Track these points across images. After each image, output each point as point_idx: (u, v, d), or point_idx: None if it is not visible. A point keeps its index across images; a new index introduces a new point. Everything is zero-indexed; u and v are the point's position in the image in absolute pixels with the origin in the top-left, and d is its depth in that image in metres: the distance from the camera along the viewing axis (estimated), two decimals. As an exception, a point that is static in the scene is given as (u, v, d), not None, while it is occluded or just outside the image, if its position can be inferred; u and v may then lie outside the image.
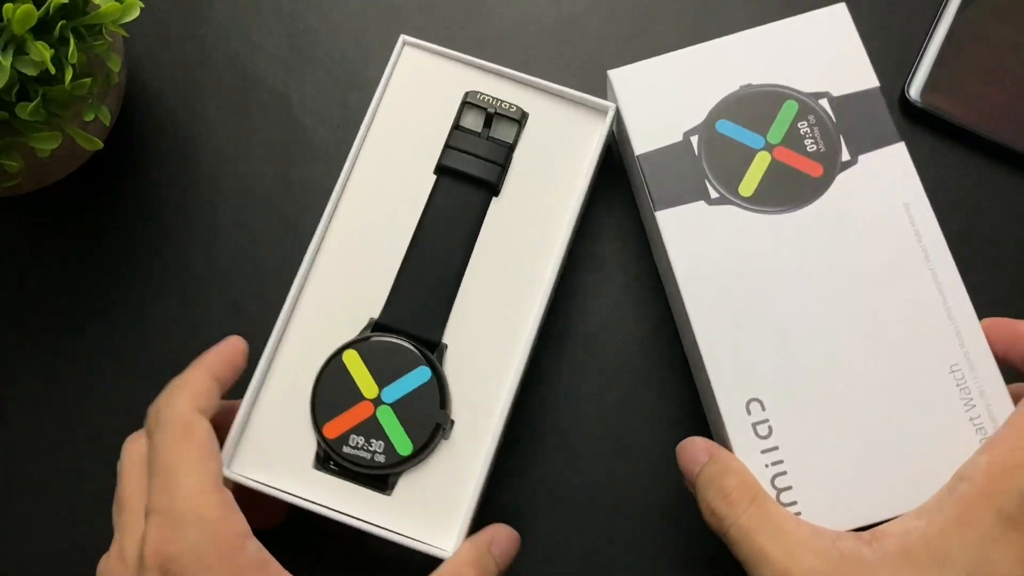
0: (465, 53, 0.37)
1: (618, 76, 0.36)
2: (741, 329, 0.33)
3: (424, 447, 0.33)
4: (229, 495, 0.30)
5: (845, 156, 0.35)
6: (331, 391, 0.33)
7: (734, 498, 0.30)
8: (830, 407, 0.32)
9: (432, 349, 0.34)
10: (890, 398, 0.32)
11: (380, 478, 0.33)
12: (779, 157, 0.35)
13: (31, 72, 0.32)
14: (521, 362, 0.34)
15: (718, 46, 0.36)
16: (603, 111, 0.37)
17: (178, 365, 0.40)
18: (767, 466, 0.31)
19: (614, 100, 0.36)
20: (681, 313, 0.35)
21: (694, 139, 0.35)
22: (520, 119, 0.36)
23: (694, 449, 0.32)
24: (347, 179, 0.36)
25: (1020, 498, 0.27)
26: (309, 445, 0.33)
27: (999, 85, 0.40)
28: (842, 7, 0.36)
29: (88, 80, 0.33)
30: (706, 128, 0.35)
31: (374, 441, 0.32)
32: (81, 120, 0.35)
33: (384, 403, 0.33)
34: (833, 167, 0.35)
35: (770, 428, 0.32)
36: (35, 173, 0.37)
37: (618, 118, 0.37)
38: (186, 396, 0.31)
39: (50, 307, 0.41)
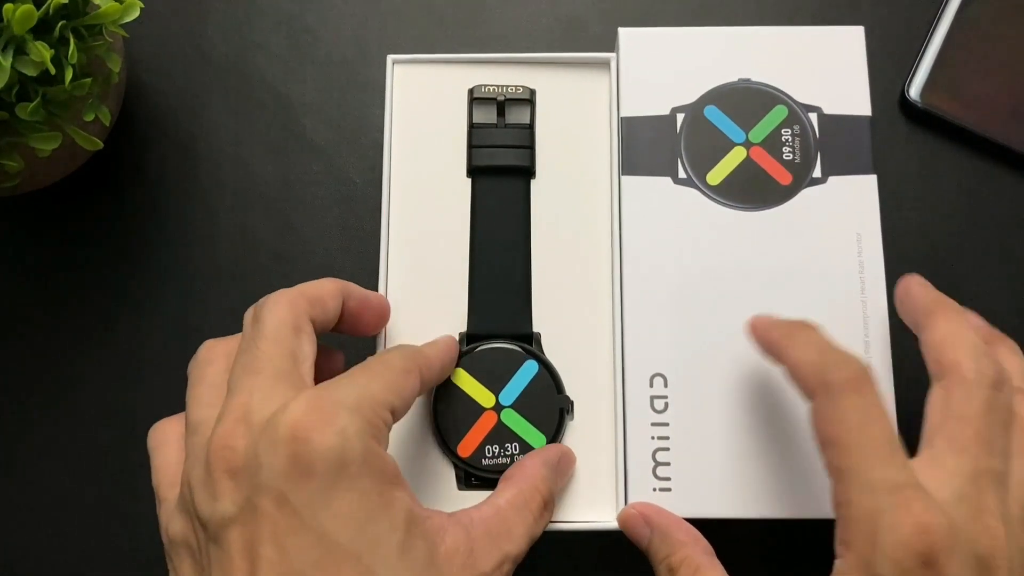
0: (468, 51, 0.38)
1: (627, 35, 0.37)
2: (668, 307, 0.34)
3: (556, 434, 0.34)
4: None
5: (817, 172, 0.35)
6: (451, 413, 0.34)
7: (681, 574, 0.30)
8: (729, 403, 0.33)
9: (529, 341, 0.35)
10: (787, 412, 0.33)
11: None
12: (754, 156, 0.35)
13: (31, 72, 0.32)
14: (611, 321, 0.35)
15: (729, 34, 0.37)
16: (605, 63, 0.38)
17: (178, 365, 0.40)
18: (653, 439, 0.33)
19: (617, 59, 0.37)
20: (619, 277, 0.35)
21: (680, 116, 0.36)
22: (530, 98, 0.37)
23: (634, 524, 0.32)
24: (388, 212, 0.36)
25: (891, 564, 0.26)
26: (444, 470, 0.34)
27: (999, 85, 0.40)
28: (859, 30, 0.36)
29: (88, 80, 0.33)
30: (694, 110, 0.36)
31: (508, 445, 0.34)
32: (81, 120, 0.35)
33: (505, 406, 0.34)
34: (802, 180, 0.35)
35: (666, 404, 0.33)
36: (35, 173, 0.37)
37: (615, 77, 0.37)
38: (295, 299, 0.29)
39: (49, 307, 0.41)
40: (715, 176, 0.35)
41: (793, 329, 0.30)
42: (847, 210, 0.35)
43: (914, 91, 0.41)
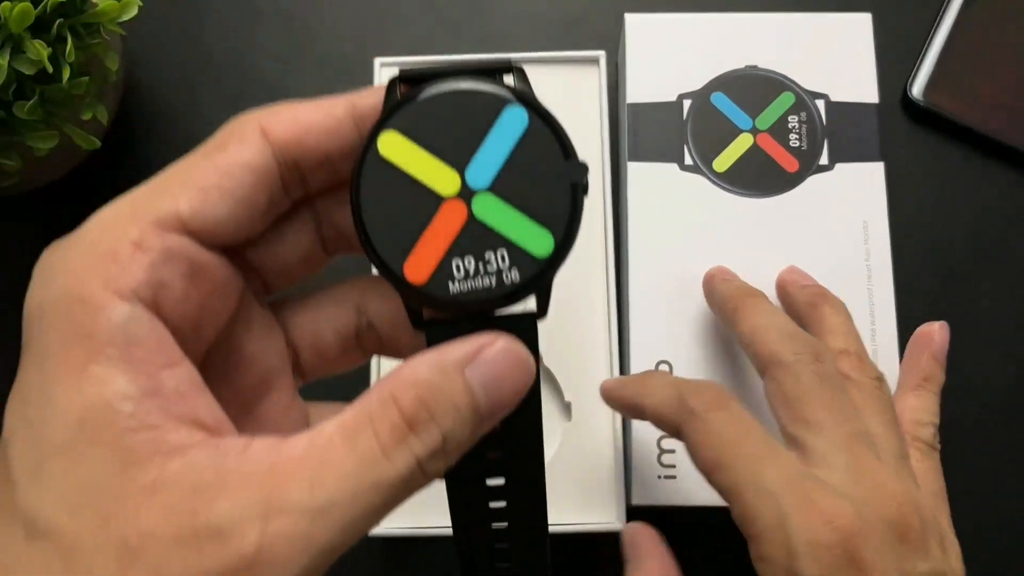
0: (467, 52, 0.38)
1: (633, 21, 0.37)
2: (673, 294, 0.34)
3: (569, 227, 0.20)
4: (165, 242, 0.19)
5: (824, 160, 0.35)
6: (387, 211, 0.19)
7: None
8: (735, 390, 0.33)
9: (503, 72, 0.20)
10: None
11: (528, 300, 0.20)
12: (761, 143, 0.35)
13: (29, 71, 0.31)
14: (607, 322, 0.35)
15: (736, 20, 0.37)
16: (595, 61, 0.37)
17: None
18: None
19: (624, 46, 0.37)
20: (624, 263, 0.35)
21: (687, 103, 0.36)
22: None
23: (625, 543, 0.31)
24: None
25: (814, 567, 0.24)
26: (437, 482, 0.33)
27: (1001, 83, 0.40)
28: (867, 17, 0.36)
29: (86, 79, 0.33)
30: (701, 96, 0.36)
31: (489, 253, 0.19)
32: (79, 119, 0.35)
33: (477, 190, 0.19)
34: (809, 167, 0.35)
35: None
36: (33, 172, 0.37)
37: (619, 65, 0.37)
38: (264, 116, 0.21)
39: (48, 308, 0.40)
40: (722, 163, 0.35)
41: (642, 378, 0.30)
42: (854, 197, 0.35)
43: (916, 90, 0.40)
